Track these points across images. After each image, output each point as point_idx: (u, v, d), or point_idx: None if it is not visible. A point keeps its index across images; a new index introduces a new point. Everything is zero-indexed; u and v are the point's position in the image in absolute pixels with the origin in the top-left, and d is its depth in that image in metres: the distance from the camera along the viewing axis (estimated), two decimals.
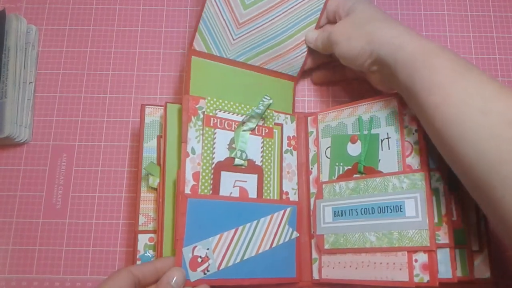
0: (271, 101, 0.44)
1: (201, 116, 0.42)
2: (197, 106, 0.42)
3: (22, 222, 0.49)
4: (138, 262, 0.42)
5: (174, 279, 0.36)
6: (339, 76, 0.50)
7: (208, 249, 0.39)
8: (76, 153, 0.51)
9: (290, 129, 0.47)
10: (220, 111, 0.43)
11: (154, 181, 0.43)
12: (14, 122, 0.49)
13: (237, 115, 0.44)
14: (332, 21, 0.45)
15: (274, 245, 0.43)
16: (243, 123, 0.44)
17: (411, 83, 0.35)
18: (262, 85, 0.47)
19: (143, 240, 0.43)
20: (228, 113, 0.43)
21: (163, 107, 0.44)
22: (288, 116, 0.47)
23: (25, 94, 0.50)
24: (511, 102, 0.31)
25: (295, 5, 0.45)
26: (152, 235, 0.43)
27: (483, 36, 0.55)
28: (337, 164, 0.45)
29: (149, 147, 0.45)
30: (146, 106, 0.46)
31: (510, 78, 0.53)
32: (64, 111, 0.52)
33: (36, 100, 0.52)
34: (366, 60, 0.39)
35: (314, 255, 0.45)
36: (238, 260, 0.40)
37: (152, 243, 0.43)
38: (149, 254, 0.43)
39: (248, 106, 0.44)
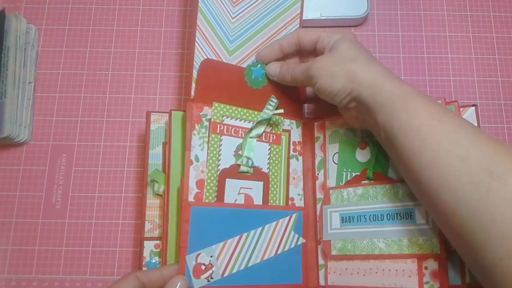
0: (277, 102, 0.45)
1: (205, 123, 0.42)
2: (200, 114, 0.42)
3: (21, 222, 0.49)
4: (144, 269, 0.42)
5: (177, 286, 0.36)
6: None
7: (211, 256, 0.39)
8: (76, 153, 0.51)
9: (295, 134, 0.47)
10: (227, 118, 0.43)
11: (159, 188, 0.43)
12: (13, 122, 0.49)
13: (244, 121, 0.44)
14: (307, 49, 0.44)
15: (279, 251, 0.43)
16: (251, 130, 0.43)
17: (389, 125, 0.36)
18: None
19: (148, 246, 0.43)
20: (236, 119, 0.43)
21: (168, 114, 0.44)
22: (294, 121, 0.47)
23: (24, 94, 0.50)
24: (488, 149, 0.32)
25: None
26: (157, 241, 0.43)
27: (482, 36, 0.55)
28: (345, 170, 0.45)
29: (155, 153, 0.45)
30: (152, 113, 0.46)
31: (510, 78, 0.53)
32: (64, 111, 0.52)
33: (36, 100, 0.52)
34: (346, 97, 0.39)
35: (321, 261, 0.44)
36: (242, 267, 0.40)
37: (158, 250, 0.43)
38: (155, 261, 0.43)
39: (256, 112, 0.44)
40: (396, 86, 0.36)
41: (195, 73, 0.42)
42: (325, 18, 0.53)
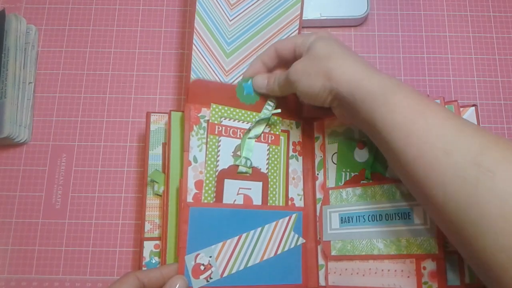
0: (275, 104, 0.45)
1: (203, 124, 0.42)
2: (199, 115, 0.42)
3: (21, 222, 0.49)
4: (144, 269, 0.42)
5: (176, 286, 0.36)
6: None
7: (210, 256, 0.39)
8: (76, 153, 0.51)
9: (295, 134, 0.47)
10: (225, 119, 0.43)
11: (159, 188, 0.43)
12: (13, 122, 0.49)
13: (242, 122, 0.44)
14: (288, 59, 0.43)
15: (279, 251, 0.43)
16: (249, 130, 0.43)
17: (372, 122, 0.35)
18: None
19: (148, 247, 0.43)
20: (234, 120, 0.43)
21: (167, 114, 0.44)
22: (293, 122, 0.47)
23: (24, 94, 0.50)
24: (473, 140, 0.31)
25: None
26: (157, 242, 0.43)
27: (482, 36, 0.55)
28: (343, 170, 0.45)
29: (155, 154, 0.45)
30: (152, 114, 0.46)
31: (509, 78, 0.53)
32: (64, 111, 0.52)
33: (36, 100, 0.52)
34: (327, 97, 0.38)
35: (321, 261, 0.44)
36: (242, 267, 0.40)
37: (158, 250, 0.43)
38: (155, 261, 0.43)
39: (254, 113, 0.44)
40: (374, 80, 0.35)
41: (192, 76, 0.42)
42: (325, 18, 0.53)
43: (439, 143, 0.31)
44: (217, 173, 0.41)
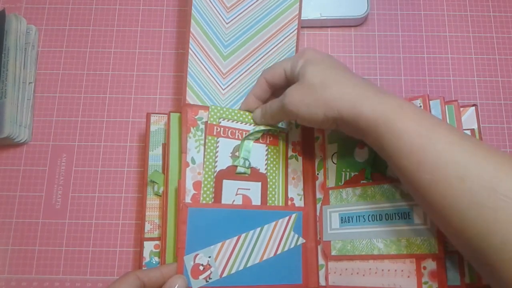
0: None
1: (201, 126, 0.42)
2: (196, 117, 0.42)
3: (21, 222, 0.49)
4: (144, 268, 0.42)
5: (176, 286, 0.36)
6: None
7: (210, 257, 0.39)
8: (76, 153, 0.51)
9: (294, 134, 0.47)
10: (224, 120, 0.43)
11: (159, 188, 0.44)
12: (13, 122, 0.49)
13: (241, 123, 0.44)
14: (281, 85, 0.42)
15: (279, 251, 0.43)
16: (250, 134, 0.44)
17: (379, 147, 0.34)
18: None
19: (148, 247, 0.43)
20: (232, 121, 0.43)
21: (167, 115, 0.44)
22: (293, 122, 0.47)
23: (24, 94, 0.50)
24: (486, 164, 0.30)
25: (272, 48, 0.47)
26: (157, 242, 0.43)
27: (482, 36, 0.55)
28: (343, 170, 0.45)
29: (155, 155, 0.45)
30: (152, 115, 0.46)
31: (510, 78, 0.53)
32: (64, 111, 0.52)
33: (36, 100, 0.52)
34: (333, 124, 0.37)
35: (321, 261, 0.44)
36: (241, 268, 0.40)
37: (158, 250, 0.43)
38: (155, 261, 0.43)
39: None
40: (375, 105, 0.34)
41: (189, 79, 0.43)
42: (325, 18, 0.53)
43: (452, 170, 0.30)
44: (215, 174, 0.42)
